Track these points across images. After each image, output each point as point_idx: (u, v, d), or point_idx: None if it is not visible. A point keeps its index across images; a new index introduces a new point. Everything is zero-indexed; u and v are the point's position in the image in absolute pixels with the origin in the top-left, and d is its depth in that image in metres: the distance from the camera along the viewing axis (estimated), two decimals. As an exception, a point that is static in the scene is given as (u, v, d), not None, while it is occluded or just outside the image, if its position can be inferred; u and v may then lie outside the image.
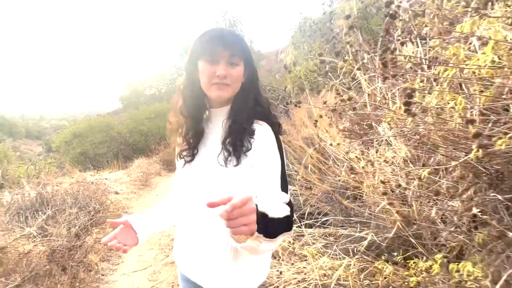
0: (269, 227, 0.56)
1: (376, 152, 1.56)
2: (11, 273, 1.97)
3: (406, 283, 1.28)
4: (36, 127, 31.48)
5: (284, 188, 0.75)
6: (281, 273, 1.54)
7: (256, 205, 0.53)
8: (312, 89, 5.60)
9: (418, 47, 1.20)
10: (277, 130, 0.82)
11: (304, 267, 1.52)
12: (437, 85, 1.03)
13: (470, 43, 0.97)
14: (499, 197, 1.00)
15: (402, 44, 1.18)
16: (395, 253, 1.42)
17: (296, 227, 1.99)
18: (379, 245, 1.59)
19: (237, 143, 0.77)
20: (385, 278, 1.31)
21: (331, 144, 2.00)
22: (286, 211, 0.63)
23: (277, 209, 0.61)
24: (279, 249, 1.75)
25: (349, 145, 1.88)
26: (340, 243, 1.67)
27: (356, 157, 1.55)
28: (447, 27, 1.06)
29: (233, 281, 0.80)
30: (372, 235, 1.57)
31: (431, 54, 1.15)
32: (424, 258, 1.30)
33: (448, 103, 0.96)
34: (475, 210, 1.05)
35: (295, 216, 2.08)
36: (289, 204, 0.69)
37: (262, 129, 0.80)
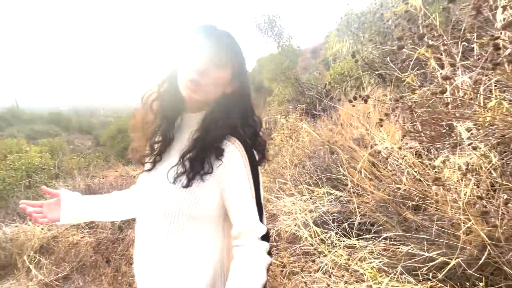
0: None
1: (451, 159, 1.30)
2: (61, 262, 2.05)
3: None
4: (87, 123, 34.57)
5: (260, 218, 0.67)
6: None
7: None
8: (353, 86, 5.25)
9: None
10: (261, 151, 0.72)
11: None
12: None
13: None
14: None
15: (507, 26, 0.92)
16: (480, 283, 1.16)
17: (345, 236, 1.79)
18: (448, 267, 1.33)
19: (196, 161, 0.65)
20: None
21: (390, 150, 1.75)
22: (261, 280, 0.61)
23: None
24: (329, 262, 1.58)
25: (412, 148, 1.62)
26: (402, 262, 1.44)
27: (432, 164, 1.30)
28: None
29: None
30: (444, 256, 1.32)
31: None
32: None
33: None
34: None
35: (345, 225, 1.88)
36: (266, 236, 0.66)
37: (232, 151, 0.66)
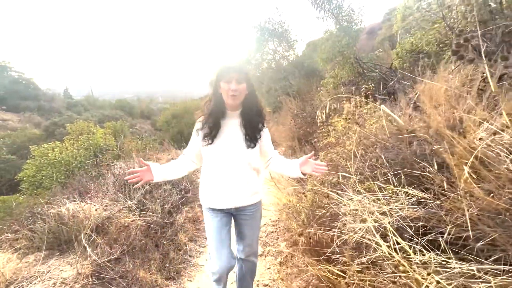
0: None
1: None
2: (113, 243, 2.06)
3: None
4: (147, 109, 37.72)
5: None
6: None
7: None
8: (426, 65, 4.39)
9: None
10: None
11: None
12: None
13: None
14: None
15: None
16: None
17: (431, 250, 1.37)
18: None
19: (255, 136, 1.49)
20: None
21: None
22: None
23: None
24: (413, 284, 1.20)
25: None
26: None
27: None
28: None
29: (256, 195, 1.57)
30: None
31: None
32: None
33: None
34: None
35: (431, 236, 1.45)
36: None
37: (264, 129, 1.56)
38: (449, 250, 1.36)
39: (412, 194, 1.73)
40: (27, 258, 2.17)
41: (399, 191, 1.77)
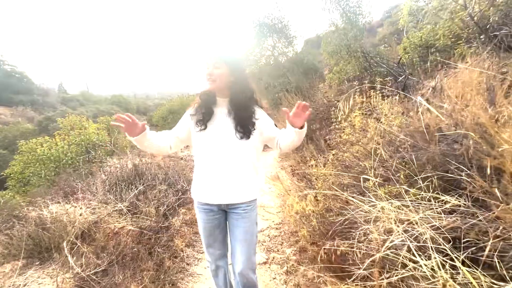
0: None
1: None
2: (100, 252, 1.82)
3: None
4: (143, 105, 37.38)
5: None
6: None
7: None
8: (435, 60, 4.17)
9: None
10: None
11: None
12: None
13: None
14: None
15: None
16: None
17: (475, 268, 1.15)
18: None
19: (247, 127, 1.37)
20: None
21: None
22: None
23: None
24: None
25: None
26: None
27: None
28: None
29: (250, 193, 1.42)
30: None
31: None
32: None
33: None
34: None
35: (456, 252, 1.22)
36: None
37: (259, 110, 1.44)
38: (497, 267, 1.14)
39: (445, 200, 1.51)
40: (3, 268, 1.91)
41: (430, 196, 1.55)
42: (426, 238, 1.35)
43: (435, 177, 1.57)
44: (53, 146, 5.07)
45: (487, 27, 2.77)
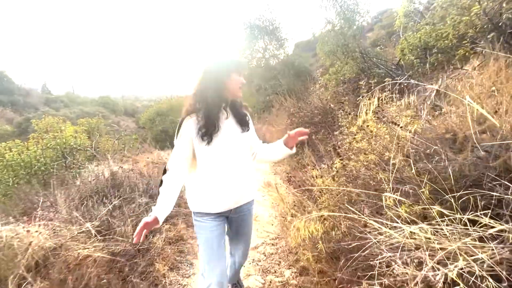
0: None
1: None
2: (57, 290, 1.45)
3: None
4: (132, 106, 36.58)
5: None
6: None
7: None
8: (434, 62, 4.00)
9: None
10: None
11: None
12: None
13: None
14: None
15: None
16: None
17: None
18: None
19: (245, 120, 1.44)
20: None
21: None
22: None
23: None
24: None
25: None
26: None
27: None
28: None
29: (255, 188, 1.54)
30: None
31: None
32: None
33: None
34: None
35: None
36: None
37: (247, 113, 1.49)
38: None
39: (484, 223, 1.23)
40: None
41: (465, 218, 1.27)
42: (466, 271, 1.07)
43: (472, 194, 1.29)
44: (24, 150, 4.58)
45: (500, 24, 2.57)
